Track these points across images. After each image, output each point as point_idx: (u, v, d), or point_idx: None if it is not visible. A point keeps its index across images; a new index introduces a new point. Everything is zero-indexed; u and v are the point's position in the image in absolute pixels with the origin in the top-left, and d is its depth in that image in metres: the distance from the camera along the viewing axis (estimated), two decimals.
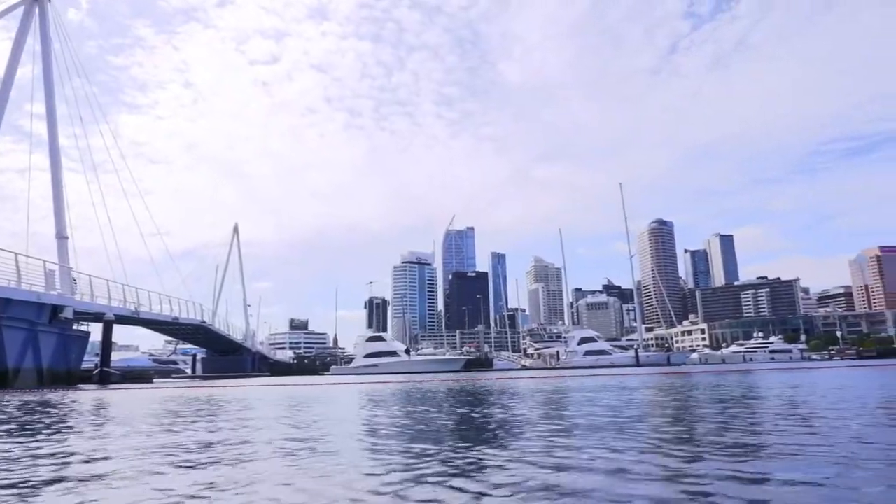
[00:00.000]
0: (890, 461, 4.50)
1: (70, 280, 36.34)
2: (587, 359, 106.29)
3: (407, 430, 8.54)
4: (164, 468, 5.22)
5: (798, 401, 11.87)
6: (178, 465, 5.28)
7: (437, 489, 4.10)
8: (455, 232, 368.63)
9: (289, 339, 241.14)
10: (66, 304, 33.92)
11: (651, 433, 6.96)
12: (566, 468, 4.82)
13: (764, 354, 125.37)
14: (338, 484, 4.38)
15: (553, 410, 11.11)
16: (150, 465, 5.32)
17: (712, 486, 3.89)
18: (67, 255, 37.29)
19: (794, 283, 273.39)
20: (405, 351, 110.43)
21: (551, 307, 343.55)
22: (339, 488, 4.20)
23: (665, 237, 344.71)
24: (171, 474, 4.90)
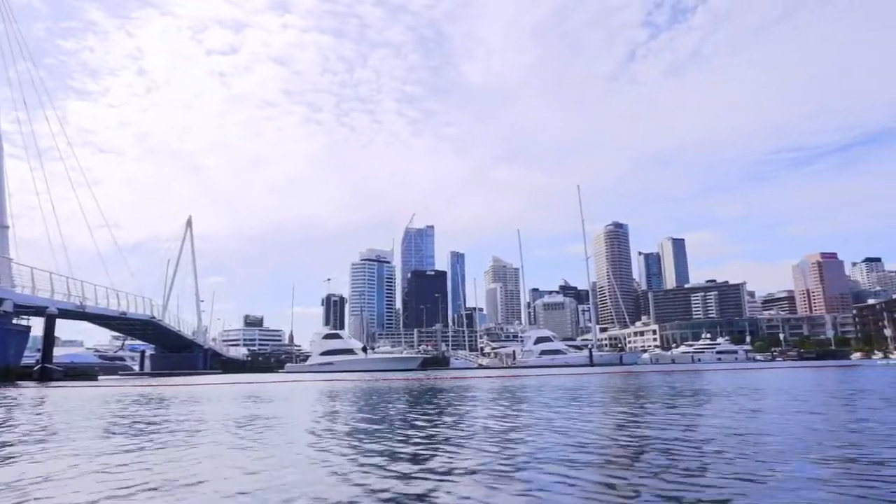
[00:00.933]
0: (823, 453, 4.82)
1: (9, 272, 34.79)
2: (543, 358, 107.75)
3: (352, 427, 8.58)
4: (100, 468, 5.10)
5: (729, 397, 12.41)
6: (113, 466, 5.17)
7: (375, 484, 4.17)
8: (415, 230, 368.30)
9: (243, 335, 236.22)
10: (4, 298, 32.46)
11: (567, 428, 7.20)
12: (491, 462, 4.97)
13: (711, 355, 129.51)
14: (278, 485, 4.40)
15: (492, 408, 11.31)
16: (85, 467, 5.19)
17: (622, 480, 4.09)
18: (7, 245, 35.73)
19: (741, 286, 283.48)
20: (362, 349, 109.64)
21: (509, 307, 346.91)
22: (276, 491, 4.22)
23: (620, 240, 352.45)
24: (109, 474, 4.80)
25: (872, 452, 5.24)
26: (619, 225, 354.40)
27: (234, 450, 6.19)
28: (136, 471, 4.77)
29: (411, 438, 7.03)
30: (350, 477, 4.61)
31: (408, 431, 7.79)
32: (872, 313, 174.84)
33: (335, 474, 4.76)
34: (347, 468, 5.06)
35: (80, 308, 41.61)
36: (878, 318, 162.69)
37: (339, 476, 4.68)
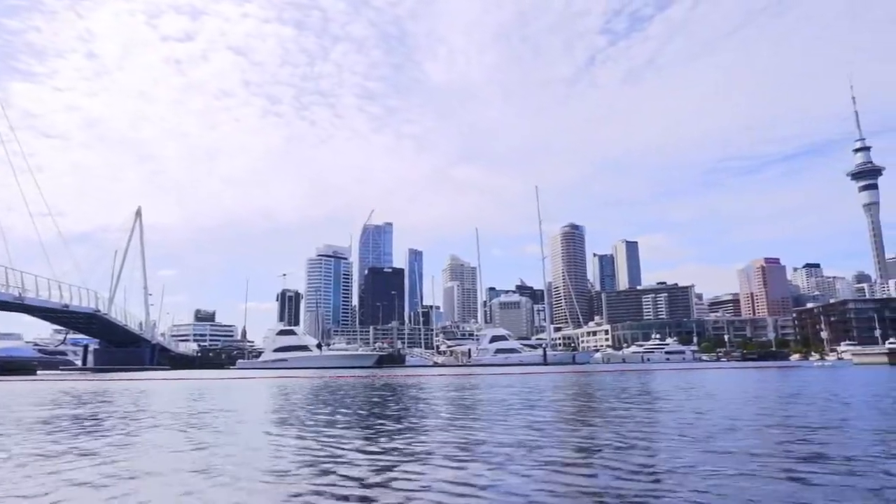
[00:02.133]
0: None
1: None
2: (498, 357, 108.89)
3: (298, 424, 8.56)
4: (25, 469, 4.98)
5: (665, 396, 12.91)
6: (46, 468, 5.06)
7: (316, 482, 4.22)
8: (373, 227, 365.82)
9: (193, 330, 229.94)
10: None
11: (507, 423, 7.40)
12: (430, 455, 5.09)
13: (660, 355, 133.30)
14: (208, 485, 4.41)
15: (442, 407, 11.46)
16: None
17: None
18: None
19: (690, 289, 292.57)
20: (317, 346, 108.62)
21: (465, 305, 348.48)
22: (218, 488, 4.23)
23: (576, 241, 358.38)
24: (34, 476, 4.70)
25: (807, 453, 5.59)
26: (575, 226, 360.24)
27: (173, 451, 6.13)
28: (60, 471, 4.68)
29: (361, 435, 7.09)
30: (291, 477, 4.65)
31: (358, 429, 7.85)
32: (811, 317, 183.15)
33: (276, 472, 4.79)
34: (289, 466, 5.09)
35: (18, 299, 39.93)
36: (816, 321, 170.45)
37: (280, 473, 4.71)
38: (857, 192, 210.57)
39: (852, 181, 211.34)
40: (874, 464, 4.86)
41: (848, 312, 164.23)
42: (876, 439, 6.39)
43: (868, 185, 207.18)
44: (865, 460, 5.03)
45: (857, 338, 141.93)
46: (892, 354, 56.29)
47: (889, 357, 55.00)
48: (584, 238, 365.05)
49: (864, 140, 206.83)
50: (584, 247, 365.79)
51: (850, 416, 9.00)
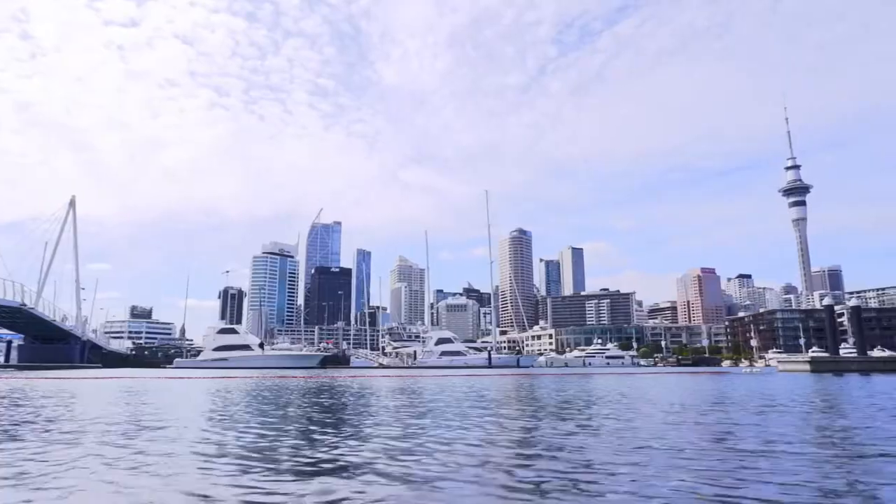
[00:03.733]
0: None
1: None
2: (443, 359, 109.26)
3: (229, 425, 8.45)
4: None
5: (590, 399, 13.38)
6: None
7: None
8: (321, 226, 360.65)
9: (128, 327, 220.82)
10: None
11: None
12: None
13: (601, 359, 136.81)
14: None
15: (380, 411, 11.53)
16: None
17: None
18: None
19: (631, 296, 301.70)
20: (259, 345, 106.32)
21: (413, 307, 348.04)
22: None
23: (524, 246, 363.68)
24: None
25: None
26: (523, 232, 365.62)
27: (91, 456, 5.97)
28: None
29: (297, 438, 7.07)
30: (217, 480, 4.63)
31: (294, 431, 7.81)
32: (742, 325, 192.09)
33: (205, 472, 4.75)
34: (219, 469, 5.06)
35: None
36: (747, 329, 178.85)
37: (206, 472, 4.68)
38: (788, 208, 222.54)
39: (783, 197, 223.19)
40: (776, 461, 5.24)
41: (775, 322, 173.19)
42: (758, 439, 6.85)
43: (797, 202, 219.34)
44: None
45: (783, 346, 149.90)
46: (814, 362, 59.54)
47: (811, 365, 58.17)
48: (532, 243, 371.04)
49: (795, 158, 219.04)
50: (532, 252, 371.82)
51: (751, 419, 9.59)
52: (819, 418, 10.15)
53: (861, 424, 9.05)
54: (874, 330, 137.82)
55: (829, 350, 68.36)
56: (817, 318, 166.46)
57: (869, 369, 51.95)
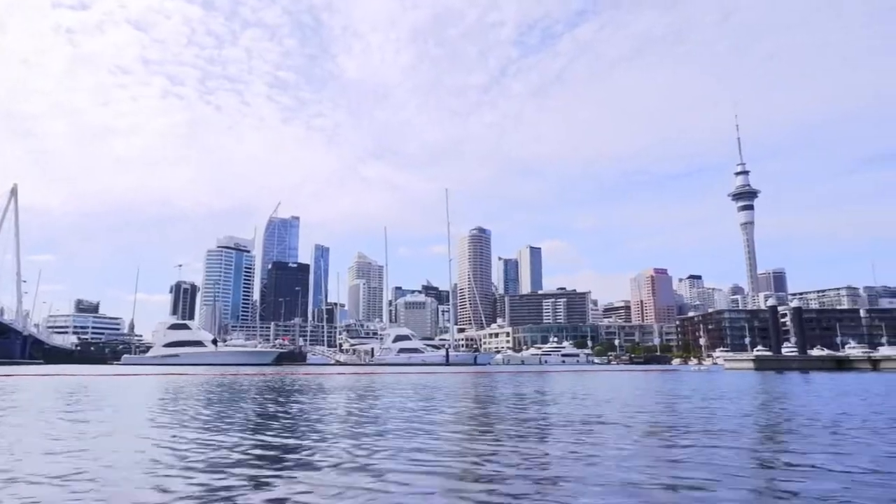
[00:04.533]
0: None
1: None
2: (401, 356, 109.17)
3: (168, 425, 8.26)
4: None
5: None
6: None
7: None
8: (279, 220, 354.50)
9: (73, 322, 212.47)
10: None
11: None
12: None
13: (557, 357, 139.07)
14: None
15: (328, 409, 11.46)
16: None
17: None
18: None
19: (587, 295, 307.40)
20: (212, 341, 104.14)
21: (371, 304, 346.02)
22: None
23: (483, 244, 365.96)
24: None
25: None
26: (482, 230, 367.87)
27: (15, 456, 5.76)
28: None
29: (243, 437, 6.96)
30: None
31: (241, 430, 7.69)
32: (692, 324, 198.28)
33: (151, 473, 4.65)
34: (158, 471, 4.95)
35: None
36: (696, 328, 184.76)
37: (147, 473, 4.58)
38: (737, 212, 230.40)
39: (732, 201, 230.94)
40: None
41: (723, 322, 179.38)
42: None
43: (745, 206, 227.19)
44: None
45: (730, 345, 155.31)
46: (758, 361, 62.02)
47: (755, 363, 60.55)
48: (491, 241, 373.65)
49: (745, 164, 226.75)
50: (490, 250, 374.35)
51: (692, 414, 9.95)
52: (729, 411, 10.61)
53: (765, 420, 9.51)
54: (814, 330, 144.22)
55: (772, 349, 71.29)
56: (762, 318, 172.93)
57: (808, 367, 54.42)
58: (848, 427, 8.32)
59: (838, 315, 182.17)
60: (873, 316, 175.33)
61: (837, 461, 5.38)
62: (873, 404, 12.65)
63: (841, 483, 4.41)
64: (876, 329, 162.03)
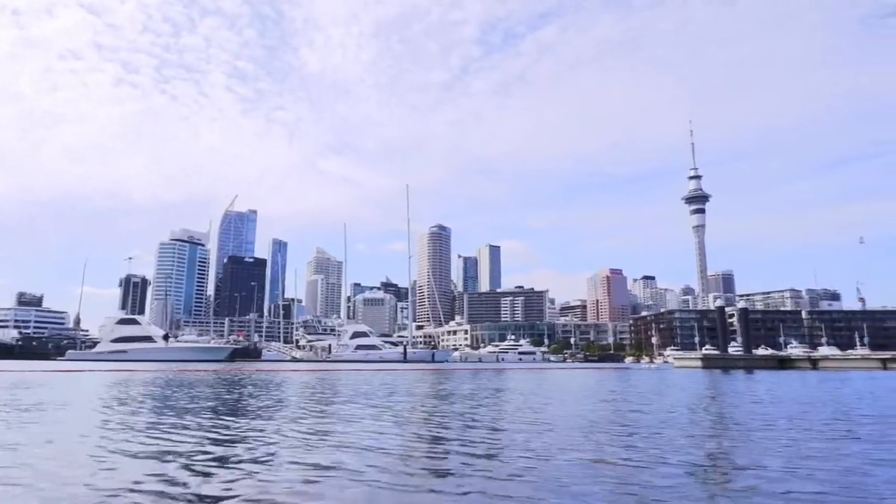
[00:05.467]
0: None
1: None
2: (358, 353, 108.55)
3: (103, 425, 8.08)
4: None
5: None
6: None
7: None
8: (235, 213, 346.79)
9: (15, 316, 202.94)
10: None
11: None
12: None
13: (514, 355, 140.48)
14: None
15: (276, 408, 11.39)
16: None
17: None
18: None
19: (544, 294, 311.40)
20: (163, 337, 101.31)
21: (329, 300, 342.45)
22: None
23: (443, 242, 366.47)
24: None
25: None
26: (442, 228, 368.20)
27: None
28: None
29: (184, 438, 6.87)
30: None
31: (184, 430, 7.59)
32: (644, 323, 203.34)
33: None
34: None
35: None
36: (649, 327, 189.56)
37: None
38: (689, 215, 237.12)
39: (685, 205, 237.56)
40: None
41: (674, 321, 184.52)
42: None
43: (697, 210, 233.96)
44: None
45: (680, 343, 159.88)
46: (705, 359, 64.25)
47: (703, 362, 62.69)
48: (450, 239, 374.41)
49: (697, 169, 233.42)
50: (450, 248, 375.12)
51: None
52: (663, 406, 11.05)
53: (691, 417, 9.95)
54: (759, 330, 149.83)
55: (720, 348, 73.80)
56: (711, 318, 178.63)
57: (753, 366, 56.60)
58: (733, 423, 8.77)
59: (782, 316, 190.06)
60: (814, 317, 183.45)
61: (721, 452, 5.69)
62: (780, 401, 13.34)
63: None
64: (816, 330, 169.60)
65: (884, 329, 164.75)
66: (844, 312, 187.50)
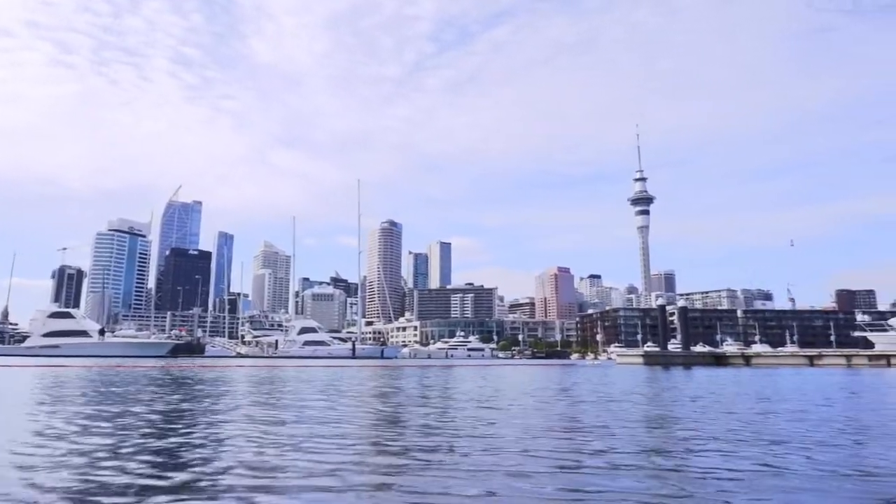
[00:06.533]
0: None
1: None
2: (305, 349, 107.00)
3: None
4: None
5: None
6: None
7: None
8: (179, 204, 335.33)
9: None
10: None
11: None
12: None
13: (463, 351, 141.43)
14: None
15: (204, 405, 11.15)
16: None
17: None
18: None
19: (494, 291, 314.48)
20: (100, 332, 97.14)
21: (277, 295, 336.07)
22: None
23: (394, 238, 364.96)
24: None
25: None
26: (393, 223, 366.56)
27: None
28: None
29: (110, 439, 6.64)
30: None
31: (109, 431, 7.33)
32: (590, 321, 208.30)
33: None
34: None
35: None
36: (594, 325, 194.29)
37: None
38: (634, 216, 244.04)
39: (631, 206, 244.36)
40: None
41: (619, 319, 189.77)
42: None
43: (642, 211, 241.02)
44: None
45: (624, 341, 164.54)
46: (646, 356, 66.33)
47: (644, 358, 64.68)
48: (402, 235, 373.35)
49: (643, 171, 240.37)
50: (401, 244, 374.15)
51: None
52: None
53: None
54: (698, 328, 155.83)
55: (660, 345, 76.35)
56: (653, 316, 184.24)
57: (691, 363, 58.81)
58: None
59: (719, 315, 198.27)
60: (748, 316, 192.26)
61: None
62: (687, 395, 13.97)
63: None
64: (750, 328, 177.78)
65: (811, 328, 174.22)
66: (776, 312, 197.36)
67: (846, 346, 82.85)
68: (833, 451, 5.69)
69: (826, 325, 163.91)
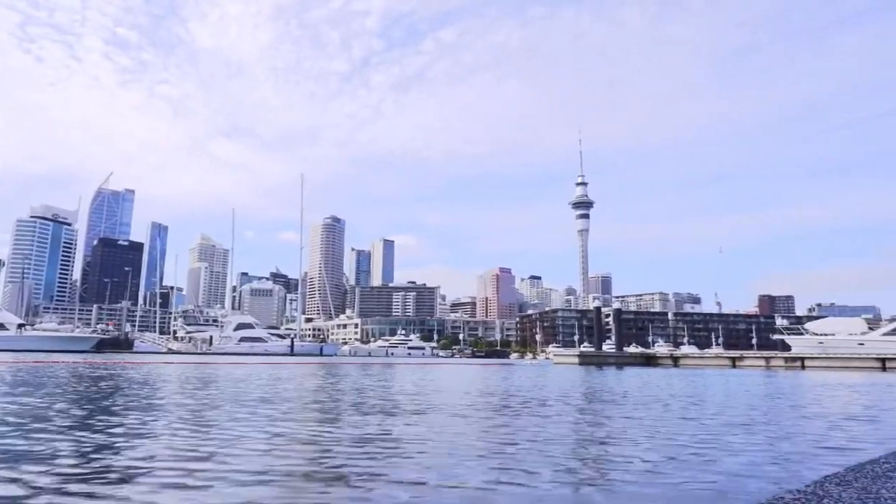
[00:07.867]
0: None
1: None
2: (242, 345, 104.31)
3: None
4: None
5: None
6: None
7: None
8: (109, 192, 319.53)
9: None
10: None
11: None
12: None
13: (403, 350, 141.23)
14: None
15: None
16: None
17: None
18: None
19: (436, 290, 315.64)
20: (18, 325, 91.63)
21: (213, 290, 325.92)
22: None
23: (336, 234, 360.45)
24: None
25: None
26: (336, 219, 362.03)
27: None
28: None
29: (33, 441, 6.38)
30: None
31: (23, 433, 7.03)
32: (530, 321, 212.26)
33: None
34: None
35: None
36: (533, 325, 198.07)
37: None
38: (575, 219, 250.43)
39: (572, 209, 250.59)
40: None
41: (557, 320, 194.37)
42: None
43: (583, 214, 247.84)
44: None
45: (562, 341, 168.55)
46: (581, 356, 68.24)
47: (579, 358, 66.52)
48: (344, 232, 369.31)
49: (584, 176, 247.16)
50: (344, 240, 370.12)
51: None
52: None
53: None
54: (631, 329, 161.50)
55: (596, 346, 78.68)
56: (590, 317, 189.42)
57: (623, 363, 60.93)
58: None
59: (651, 317, 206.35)
60: (678, 318, 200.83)
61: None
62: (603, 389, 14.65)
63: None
64: (680, 330, 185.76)
65: (735, 331, 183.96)
66: (704, 315, 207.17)
67: (766, 349, 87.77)
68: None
69: (749, 329, 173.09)
